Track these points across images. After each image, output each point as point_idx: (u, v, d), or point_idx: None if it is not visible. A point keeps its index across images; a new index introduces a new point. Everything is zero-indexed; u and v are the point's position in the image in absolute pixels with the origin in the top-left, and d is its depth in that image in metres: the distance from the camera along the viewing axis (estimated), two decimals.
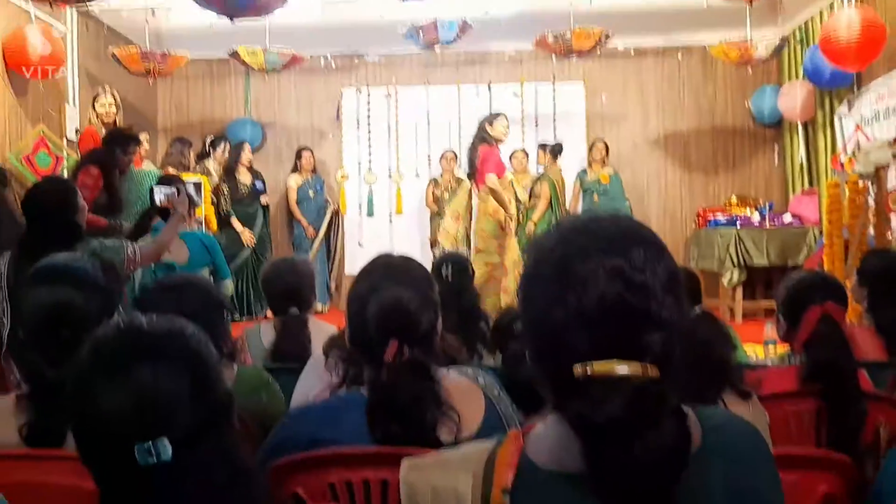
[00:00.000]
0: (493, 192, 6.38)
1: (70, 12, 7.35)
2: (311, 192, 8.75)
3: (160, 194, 4.02)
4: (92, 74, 7.88)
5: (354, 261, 8.93)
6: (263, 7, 6.19)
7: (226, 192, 8.07)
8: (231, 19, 6.14)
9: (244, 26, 6.54)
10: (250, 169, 8.50)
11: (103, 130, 6.49)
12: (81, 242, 3.26)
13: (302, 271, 3.25)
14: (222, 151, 8.19)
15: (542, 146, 8.68)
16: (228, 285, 5.46)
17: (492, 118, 6.67)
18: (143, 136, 6.67)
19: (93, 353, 1.13)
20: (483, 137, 6.54)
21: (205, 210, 7.09)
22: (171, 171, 7.24)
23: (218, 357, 1.23)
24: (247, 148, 8.44)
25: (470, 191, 7.78)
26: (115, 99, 6.43)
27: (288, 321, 3.02)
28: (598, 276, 0.96)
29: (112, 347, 1.13)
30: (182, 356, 1.13)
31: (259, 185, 8.43)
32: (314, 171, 8.90)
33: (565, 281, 0.98)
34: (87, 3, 6.66)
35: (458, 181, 8.72)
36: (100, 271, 2.03)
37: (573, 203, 8.63)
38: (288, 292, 3.09)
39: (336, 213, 8.99)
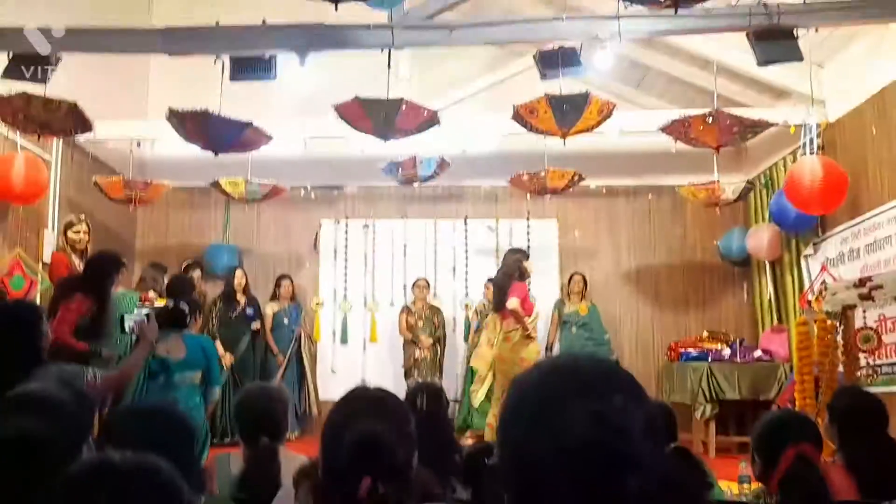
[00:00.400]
0: (513, 312, 6.63)
1: (56, 142, 7.51)
2: (285, 320, 8.76)
3: (130, 321, 4.04)
4: (73, 201, 7.97)
5: (326, 387, 8.90)
6: (247, 144, 6.38)
7: (215, 315, 8.15)
8: (215, 154, 6.31)
9: (227, 157, 6.71)
10: (246, 294, 8.58)
11: (73, 257, 6.53)
12: (41, 367, 3.23)
13: (276, 398, 3.20)
14: (198, 277, 8.23)
15: (491, 280, 8.80)
16: (216, 392, 5.58)
17: (522, 256, 7.01)
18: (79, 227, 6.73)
19: (66, 491, 1.13)
20: (521, 273, 6.86)
21: None
22: (152, 294, 7.26)
23: (188, 492, 1.23)
24: (238, 274, 8.60)
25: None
26: (88, 227, 6.49)
27: (258, 451, 2.97)
28: (578, 420, 0.98)
29: (85, 485, 1.13)
30: (155, 495, 1.13)
31: (250, 311, 8.52)
32: (293, 298, 8.94)
33: (546, 423, 0.99)
34: (74, 136, 6.83)
35: (432, 309, 8.79)
36: (72, 400, 2.01)
37: (552, 333, 8.72)
38: (260, 420, 3.03)
39: (308, 339, 8.95)
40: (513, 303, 6.64)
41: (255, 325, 8.50)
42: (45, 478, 1.17)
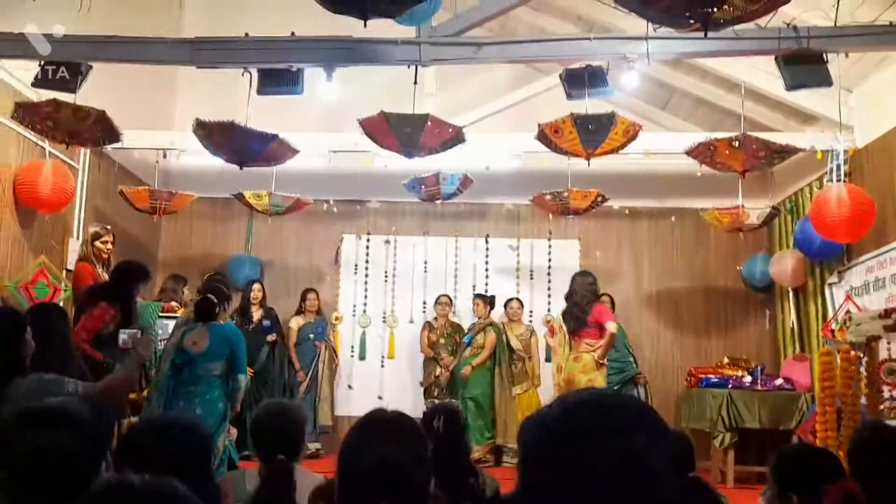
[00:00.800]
0: (612, 335, 6.93)
1: (84, 150, 7.58)
2: (311, 335, 8.74)
3: (124, 335, 4.06)
4: (98, 209, 8.04)
5: (343, 403, 8.90)
6: (273, 157, 6.40)
7: None
8: (240, 167, 6.33)
9: (251, 170, 6.74)
10: (262, 306, 8.60)
11: (97, 267, 6.59)
12: (19, 377, 3.23)
13: (294, 417, 3.18)
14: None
15: (479, 296, 8.78)
16: (241, 381, 5.75)
17: (593, 278, 7.37)
18: (106, 237, 6.83)
19: None
20: (597, 295, 7.38)
21: None
22: (173, 304, 7.34)
23: None
24: (255, 287, 8.65)
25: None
26: (114, 238, 6.55)
27: (273, 468, 2.95)
28: (604, 462, 0.97)
29: None
30: None
31: (267, 323, 8.54)
32: (318, 312, 8.93)
33: (572, 465, 0.98)
34: (103, 147, 6.89)
35: (454, 326, 8.77)
36: (91, 415, 2.01)
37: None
38: (277, 438, 3.02)
39: (333, 353, 8.93)
40: (612, 326, 6.93)
41: (271, 336, 8.50)
42: (65, 493, 1.16)
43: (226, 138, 6.07)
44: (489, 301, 8.73)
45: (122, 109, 6.52)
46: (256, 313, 8.59)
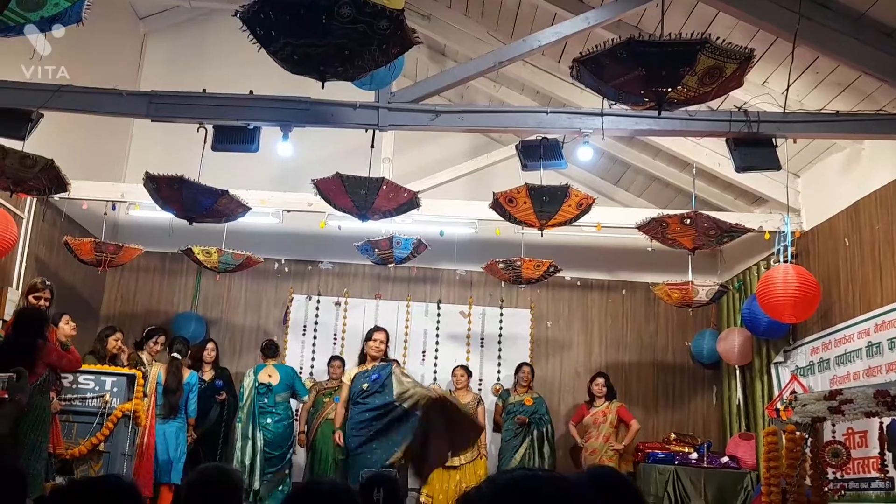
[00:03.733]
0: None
1: (29, 199, 7.40)
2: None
3: None
4: (41, 259, 7.83)
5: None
6: (223, 214, 6.31)
7: None
8: (190, 222, 6.23)
9: (202, 226, 6.64)
10: (214, 366, 8.44)
11: None
12: None
13: (230, 482, 3.07)
14: (154, 343, 7.99)
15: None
16: (306, 399, 8.35)
17: None
18: (65, 320, 6.61)
19: None
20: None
21: (134, 404, 6.84)
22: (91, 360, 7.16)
23: None
24: (209, 346, 8.52)
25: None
26: (52, 293, 6.38)
27: None
28: None
29: None
30: None
31: (219, 383, 8.38)
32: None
33: None
34: (49, 196, 6.74)
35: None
36: None
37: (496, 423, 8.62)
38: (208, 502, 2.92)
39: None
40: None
41: (221, 396, 8.28)
42: None
43: (175, 192, 5.97)
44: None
45: (71, 158, 6.42)
46: (208, 373, 8.38)
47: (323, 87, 4.23)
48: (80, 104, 5.72)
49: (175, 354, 7.87)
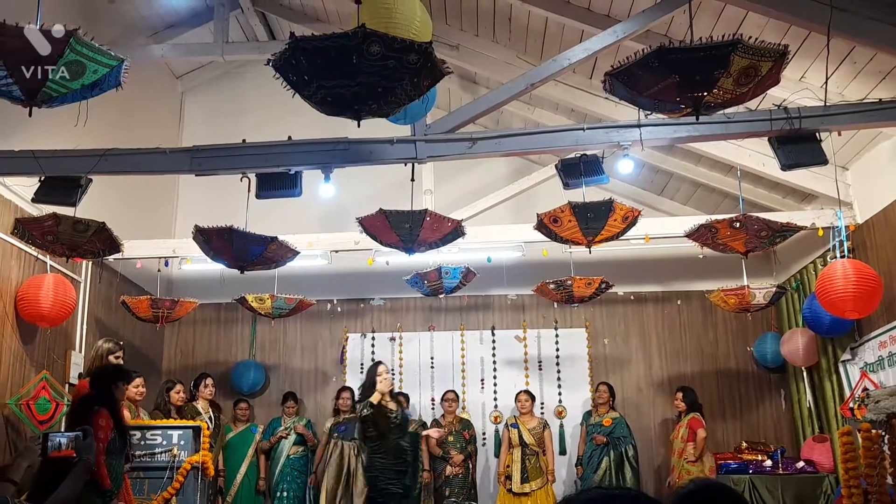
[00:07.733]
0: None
1: (85, 262, 7.59)
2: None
3: (62, 439, 3.29)
4: (100, 320, 8.00)
5: None
6: (272, 260, 6.38)
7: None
8: (241, 271, 6.32)
9: (253, 273, 6.72)
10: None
11: None
12: None
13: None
14: (205, 387, 8.13)
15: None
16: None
17: None
18: (139, 380, 6.74)
19: None
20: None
21: (202, 455, 6.89)
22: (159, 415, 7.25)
23: None
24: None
25: None
26: (124, 352, 6.49)
27: None
28: None
29: None
30: None
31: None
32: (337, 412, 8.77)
33: None
34: (104, 258, 6.88)
35: (462, 422, 8.57)
36: None
37: (580, 445, 8.51)
38: None
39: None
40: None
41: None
42: None
43: (225, 243, 6.06)
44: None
45: (122, 219, 6.56)
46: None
47: (359, 126, 4.26)
48: (125, 166, 5.84)
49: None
